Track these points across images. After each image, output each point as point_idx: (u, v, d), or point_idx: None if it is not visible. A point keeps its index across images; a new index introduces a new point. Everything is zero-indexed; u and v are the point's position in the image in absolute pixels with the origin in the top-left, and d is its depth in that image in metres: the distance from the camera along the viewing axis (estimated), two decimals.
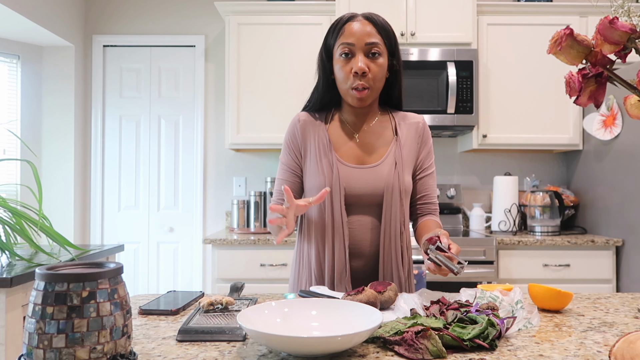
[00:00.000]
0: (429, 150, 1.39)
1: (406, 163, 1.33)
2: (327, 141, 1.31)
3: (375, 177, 1.28)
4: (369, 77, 1.25)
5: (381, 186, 1.28)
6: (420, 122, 1.38)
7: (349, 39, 1.25)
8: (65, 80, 3.24)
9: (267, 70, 2.95)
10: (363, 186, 1.28)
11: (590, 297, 1.21)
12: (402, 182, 1.29)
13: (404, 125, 1.37)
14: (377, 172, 1.29)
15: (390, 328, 0.82)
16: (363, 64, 1.23)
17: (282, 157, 1.38)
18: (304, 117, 1.37)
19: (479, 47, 2.91)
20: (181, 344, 0.84)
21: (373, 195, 1.28)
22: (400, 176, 1.29)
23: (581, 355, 0.77)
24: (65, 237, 1.84)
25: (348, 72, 1.25)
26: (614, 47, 0.87)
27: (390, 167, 1.29)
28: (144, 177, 3.38)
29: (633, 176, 2.48)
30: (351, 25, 1.26)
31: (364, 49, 1.25)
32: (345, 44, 1.25)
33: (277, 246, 2.63)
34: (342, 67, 1.26)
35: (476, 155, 3.30)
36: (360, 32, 1.25)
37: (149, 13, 3.37)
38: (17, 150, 3.14)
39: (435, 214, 1.38)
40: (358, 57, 1.24)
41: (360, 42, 1.24)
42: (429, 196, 1.38)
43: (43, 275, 0.65)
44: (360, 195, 1.28)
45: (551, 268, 2.61)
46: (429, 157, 1.38)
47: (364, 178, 1.28)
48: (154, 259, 3.36)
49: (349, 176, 1.28)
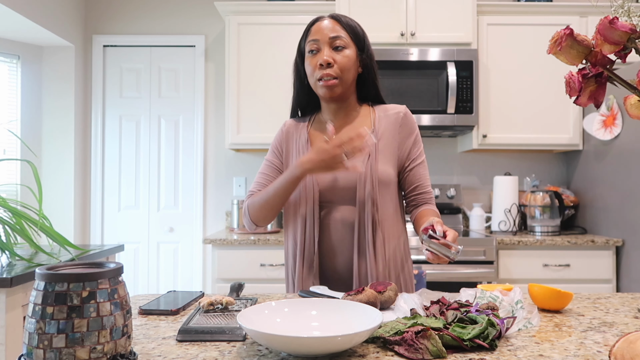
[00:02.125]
0: (415, 139, 1.37)
1: (384, 153, 1.32)
2: (306, 140, 1.37)
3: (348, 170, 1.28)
4: (335, 67, 1.29)
5: (353, 179, 1.28)
6: (401, 112, 1.38)
7: (314, 36, 1.32)
8: (65, 80, 3.24)
9: (267, 71, 2.95)
10: (336, 180, 1.30)
11: (590, 297, 1.21)
12: (374, 172, 1.28)
13: (383, 116, 1.37)
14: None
15: (390, 328, 0.82)
16: (327, 56, 1.29)
17: (267, 157, 1.45)
18: (289, 123, 1.45)
19: (479, 47, 2.91)
20: (181, 344, 0.84)
21: (347, 188, 1.29)
22: (374, 166, 1.29)
23: (581, 355, 0.77)
24: (65, 237, 1.84)
25: (315, 65, 1.31)
26: (614, 47, 0.87)
27: (364, 159, 1.29)
28: (144, 177, 3.38)
29: (633, 176, 2.48)
30: (317, 24, 1.33)
31: (328, 42, 1.30)
32: (312, 41, 1.32)
33: (277, 246, 2.63)
34: (310, 63, 1.32)
35: (476, 155, 3.30)
36: (325, 29, 1.31)
37: (149, 13, 3.37)
38: (17, 150, 3.14)
39: (431, 203, 1.36)
40: (323, 50, 1.30)
41: (324, 37, 1.30)
42: (422, 186, 1.36)
43: (43, 275, 0.65)
44: (334, 189, 1.30)
45: (551, 268, 2.61)
46: (416, 146, 1.37)
47: (337, 172, 1.28)
48: (154, 259, 3.36)
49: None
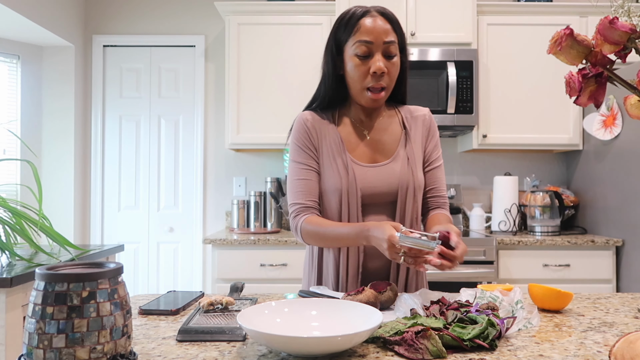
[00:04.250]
0: (436, 142, 1.36)
1: (417, 158, 1.30)
2: (340, 141, 1.28)
3: (389, 175, 1.26)
4: (386, 77, 1.21)
5: (395, 183, 1.26)
6: (427, 115, 1.36)
7: (366, 36, 1.19)
8: (65, 80, 3.24)
9: (267, 70, 2.95)
10: (378, 185, 1.26)
11: (590, 297, 1.21)
12: (415, 178, 1.27)
13: (411, 118, 1.34)
14: (391, 170, 1.27)
15: (390, 328, 0.82)
16: (382, 64, 1.19)
17: (295, 157, 1.30)
18: (310, 117, 1.31)
19: (479, 47, 2.91)
20: (181, 344, 0.84)
21: (387, 193, 1.26)
22: (414, 172, 1.27)
23: (581, 355, 0.77)
24: (65, 237, 1.84)
25: (365, 72, 1.21)
26: (614, 47, 0.87)
27: (403, 164, 1.27)
28: (144, 177, 3.38)
29: (633, 176, 2.48)
30: (366, 21, 1.20)
31: (382, 48, 1.20)
32: (363, 43, 1.19)
33: (277, 246, 2.63)
34: (357, 67, 1.21)
35: (476, 155, 3.30)
36: (378, 30, 1.19)
37: (149, 13, 3.37)
38: (17, 150, 3.14)
39: (445, 208, 1.34)
40: (376, 56, 1.20)
41: (379, 40, 1.19)
42: (438, 189, 1.34)
43: (43, 275, 0.65)
44: (375, 195, 1.26)
45: (551, 268, 2.61)
46: (436, 150, 1.35)
47: (378, 176, 1.26)
48: (154, 259, 3.36)
49: (364, 176, 1.26)
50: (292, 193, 1.27)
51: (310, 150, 1.29)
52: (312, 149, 1.29)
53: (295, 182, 1.27)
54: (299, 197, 1.26)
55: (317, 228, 1.21)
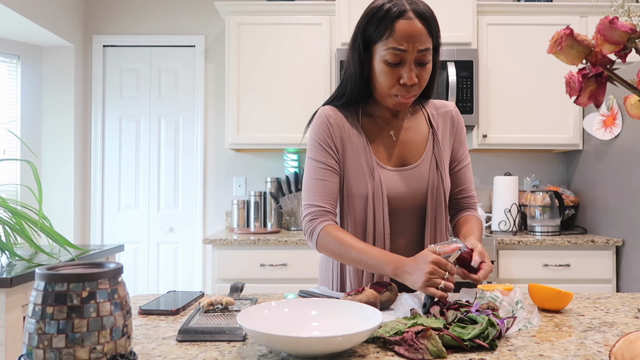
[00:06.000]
0: (463, 140, 1.29)
1: (445, 160, 1.25)
2: (365, 142, 1.20)
3: (418, 180, 1.20)
4: (416, 87, 1.15)
5: (424, 189, 1.20)
6: (453, 110, 1.29)
7: (400, 44, 1.09)
8: (65, 80, 3.24)
9: (267, 70, 2.95)
10: (406, 190, 1.19)
11: (590, 297, 1.21)
12: (445, 183, 1.22)
13: (437, 115, 1.28)
14: (419, 174, 1.21)
15: (390, 328, 0.82)
16: (414, 74, 1.12)
17: (314, 155, 1.21)
18: (332, 112, 1.22)
19: (479, 47, 2.90)
20: (181, 344, 0.84)
21: (416, 198, 1.20)
22: (443, 176, 1.22)
23: (581, 355, 0.77)
24: (65, 237, 1.84)
25: (395, 80, 1.13)
26: (614, 47, 0.87)
27: (432, 167, 1.21)
28: (144, 177, 3.38)
29: (633, 176, 2.48)
30: (402, 25, 1.09)
31: (415, 57, 1.11)
32: (397, 50, 1.10)
33: (277, 246, 2.63)
34: (387, 73, 1.12)
35: (476, 155, 3.30)
36: (414, 38, 1.09)
37: (149, 13, 3.37)
38: (17, 150, 3.14)
39: (474, 208, 1.30)
40: (409, 66, 1.11)
41: (414, 48, 1.10)
42: (467, 189, 1.30)
43: (43, 275, 0.65)
44: (402, 200, 1.20)
45: (551, 268, 2.61)
46: (464, 147, 1.29)
47: (406, 181, 1.20)
48: (154, 259, 3.36)
49: (391, 181, 1.19)
50: (309, 193, 1.20)
51: (331, 149, 1.20)
52: (333, 147, 1.20)
53: (313, 182, 1.19)
54: (317, 199, 1.18)
55: (339, 245, 1.12)
